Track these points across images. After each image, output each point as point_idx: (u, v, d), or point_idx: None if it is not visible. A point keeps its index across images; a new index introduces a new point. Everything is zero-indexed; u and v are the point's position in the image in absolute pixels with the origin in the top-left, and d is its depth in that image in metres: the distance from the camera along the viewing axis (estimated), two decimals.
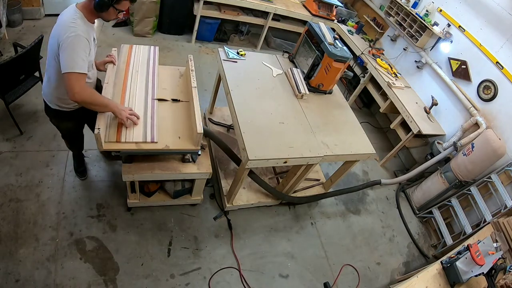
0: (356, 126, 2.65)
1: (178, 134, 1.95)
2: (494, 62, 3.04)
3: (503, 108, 2.99)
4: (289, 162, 2.15)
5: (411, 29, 3.82)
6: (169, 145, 1.87)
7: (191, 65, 2.23)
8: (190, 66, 2.22)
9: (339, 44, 2.61)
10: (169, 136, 1.92)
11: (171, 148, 1.87)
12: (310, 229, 2.88)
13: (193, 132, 1.95)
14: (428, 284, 2.09)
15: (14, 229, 2.13)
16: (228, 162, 2.84)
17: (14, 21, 3.54)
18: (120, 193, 2.52)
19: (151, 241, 2.34)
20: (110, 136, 1.76)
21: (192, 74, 2.17)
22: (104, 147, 1.71)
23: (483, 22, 3.17)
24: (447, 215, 3.19)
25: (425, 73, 3.79)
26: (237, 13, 4.34)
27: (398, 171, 3.84)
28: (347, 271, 2.70)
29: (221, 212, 2.67)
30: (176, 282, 2.20)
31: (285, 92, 2.60)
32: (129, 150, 1.82)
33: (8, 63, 2.21)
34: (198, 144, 1.92)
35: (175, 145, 1.89)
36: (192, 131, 1.97)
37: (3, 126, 2.64)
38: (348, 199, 3.29)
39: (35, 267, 2.00)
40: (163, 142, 1.86)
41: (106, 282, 2.06)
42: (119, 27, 4.20)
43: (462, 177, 2.96)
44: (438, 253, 3.03)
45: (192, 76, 2.15)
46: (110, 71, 2.01)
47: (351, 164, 2.64)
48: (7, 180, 2.35)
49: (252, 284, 2.36)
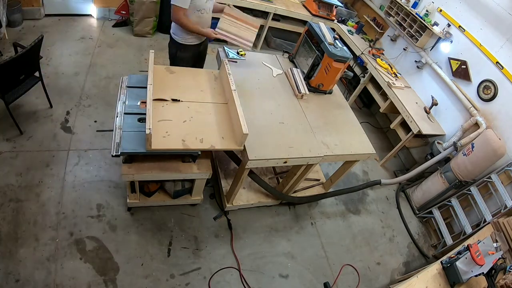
0: (356, 126, 2.65)
1: (222, 134, 2.00)
2: (494, 62, 3.04)
3: (503, 108, 2.99)
4: (289, 162, 2.15)
5: (411, 29, 3.82)
6: (215, 145, 1.92)
7: (228, 69, 2.28)
8: (227, 69, 2.27)
9: (339, 44, 2.61)
10: (214, 137, 1.97)
11: (216, 148, 1.93)
12: (310, 229, 2.88)
13: (234, 132, 2.01)
14: (428, 284, 2.09)
15: (14, 229, 2.13)
16: (228, 162, 2.84)
17: (14, 21, 3.54)
18: (120, 193, 2.52)
19: (151, 241, 2.34)
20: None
21: (230, 77, 2.21)
22: (153, 146, 1.75)
23: (483, 22, 3.17)
24: (447, 215, 3.19)
25: (425, 73, 3.79)
26: None
27: (398, 171, 3.84)
28: (347, 271, 2.70)
29: (221, 212, 2.67)
30: (176, 282, 2.20)
31: (285, 92, 2.60)
32: (176, 150, 1.88)
33: (8, 63, 2.21)
34: (242, 144, 1.97)
35: (220, 145, 1.94)
36: (233, 131, 2.03)
37: (3, 126, 2.64)
38: (348, 199, 3.29)
39: (35, 267, 2.00)
40: (208, 142, 1.91)
41: (106, 282, 2.06)
42: (119, 27, 4.19)
43: (462, 177, 2.96)
44: (438, 253, 3.04)
45: (231, 80, 2.20)
46: (151, 73, 2.02)
47: (351, 164, 2.63)
48: (7, 180, 2.35)
49: (252, 284, 2.36)
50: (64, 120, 2.88)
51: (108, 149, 2.70)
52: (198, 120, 2.04)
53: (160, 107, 2.01)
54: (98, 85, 3.30)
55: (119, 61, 3.68)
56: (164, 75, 2.28)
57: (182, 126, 1.96)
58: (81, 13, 4.06)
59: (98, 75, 3.41)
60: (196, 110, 2.10)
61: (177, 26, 2.41)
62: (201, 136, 1.93)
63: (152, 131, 1.71)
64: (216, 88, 2.35)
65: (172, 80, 2.26)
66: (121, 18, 4.22)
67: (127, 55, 3.83)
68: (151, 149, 1.76)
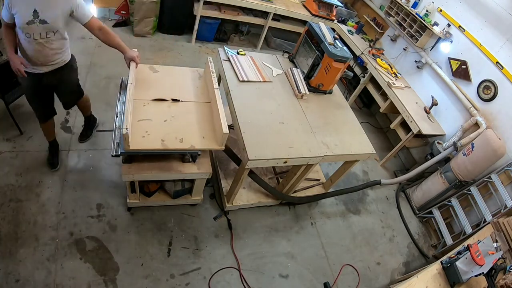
0: (356, 126, 2.65)
1: (202, 134, 1.98)
2: (494, 62, 3.04)
3: (503, 108, 2.99)
4: (289, 162, 2.15)
5: (411, 29, 3.82)
6: (195, 145, 1.90)
7: (212, 67, 2.25)
8: (211, 68, 2.25)
9: (339, 44, 2.61)
10: (194, 136, 1.94)
11: (197, 148, 1.90)
12: (310, 229, 2.88)
13: (216, 132, 1.98)
14: (428, 284, 2.09)
15: (14, 229, 2.13)
16: (228, 162, 2.84)
17: None
18: (120, 193, 2.52)
19: (151, 241, 2.34)
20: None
21: (213, 76, 2.19)
22: (131, 147, 1.73)
23: (483, 22, 3.17)
24: (447, 215, 3.19)
25: (425, 73, 3.79)
26: (237, 13, 4.34)
27: (398, 171, 3.84)
28: (347, 271, 2.70)
29: (221, 212, 2.67)
30: (176, 282, 2.20)
31: (285, 92, 2.60)
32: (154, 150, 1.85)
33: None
34: (223, 144, 1.95)
35: (200, 145, 1.92)
36: (214, 131, 2.01)
37: (3, 126, 2.64)
38: (348, 199, 3.29)
39: (35, 267, 2.00)
40: (188, 142, 1.89)
41: (106, 282, 2.06)
42: (119, 27, 4.19)
43: (462, 177, 2.96)
44: (438, 253, 3.03)
45: (214, 78, 2.18)
46: (133, 73, 2.02)
47: (351, 164, 2.63)
48: (7, 180, 2.35)
49: (252, 284, 2.36)
50: (64, 120, 2.88)
51: (108, 149, 2.70)
52: (179, 119, 2.00)
53: (141, 106, 1.99)
54: (98, 85, 3.30)
55: (119, 61, 3.63)
56: (148, 74, 2.26)
57: (163, 125, 1.93)
58: None
59: (98, 75, 3.41)
60: (178, 109, 2.07)
61: None
62: (181, 136, 1.90)
63: (130, 131, 1.70)
64: (200, 87, 2.32)
65: (155, 79, 2.23)
66: (121, 18, 4.22)
67: None
68: (129, 149, 1.74)
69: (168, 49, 4.21)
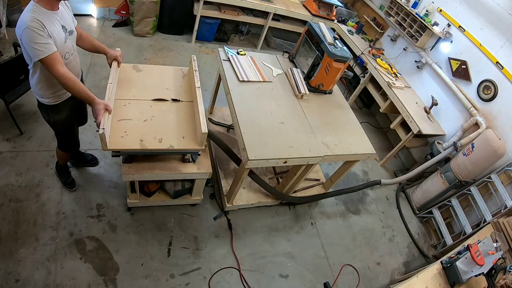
0: (356, 126, 2.65)
1: (182, 134, 1.95)
2: (494, 62, 3.04)
3: (503, 108, 2.99)
4: (289, 162, 2.15)
5: (411, 29, 3.82)
6: (174, 145, 1.88)
7: (195, 66, 2.23)
8: (193, 66, 2.22)
9: (339, 44, 2.60)
10: (173, 136, 1.92)
11: (176, 148, 1.88)
12: (310, 229, 2.88)
13: (196, 132, 1.95)
14: (428, 284, 2.09)
15: (14, 229, 2.13)
16: (228, 162, 2.84)
17: (14, 21, 3.53)
18: (120, 193, 2.52)
19: (151, 241, 2.34)
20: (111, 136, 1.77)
21: (195, 75, 2.17)
22: (109, 146, 1.72)
23: (483, 22, 3.17)
24: (447, 215, 3.19)
25: (425, 73, 3.79)
26: (237, 13, 4.34)
27: (398, 171, 3.84)
28: (347, 271, 2.70)
29: (221, 212, 2.67)
30: (176, 282, 2.20)
31: (285, 92, 2.60)
32: (133, 150, 1.82)
33: (8, 63, 2.22)
34: (202, 144, 1.93)
35: (179, 145, 1.89)
36: (195, 131, 1.98)
37: (3, 126, 2.64)
38: (348, 199, 3.29)
39: (35, 267, 2.00)
40: (167, 142, 1.87)
41: (106, 282, 2.06)
42: (119, 27, 4.20)
43: (462, 177, 2.96)
44: (438, 253, 3.04)
45: (196, 77, 2.15)
46: (114, 72, 2.00)
47: (351, 164, 2.63)
48: (7, 180, 2.35)
49: (252, 284, 2.36)
50: None
51: None
52: (159, 119, 1.98)
53: (122, 106, 1.97)
54: (98, 85, 3.30)
55: None
56: (131, 73, 2.24)
57: (142, 125, 1.91)
58: (81, 13, 4.06)
59: (98, 75, 3.41)
60: (159, 108, 2.04)
61: (38, 84, 1.72)
62: (160, 135, 1.87)
63: (109, 131, 1.69)
64: (183, 86, 2.30)
65: (138, 78, 2.22)
66: (121, 18, 4.22)
67: (127, 55, 3.81)
68: (107, 149, 1.71)
69: (168, 49, 4.21)
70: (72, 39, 1.74)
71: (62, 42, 1.62)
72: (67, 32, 1.68)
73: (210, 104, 3.18)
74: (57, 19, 1.60)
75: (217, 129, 3.09)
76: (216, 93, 3.03)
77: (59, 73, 1.56)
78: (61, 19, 1.62)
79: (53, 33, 1.54)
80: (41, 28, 1.47)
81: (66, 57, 1.71)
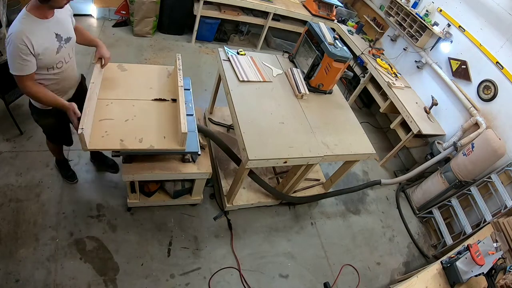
0: (356, 126, 2.65)
1: (164, 134, 1.90)
2: (494, 62, 3.04)
3: (503, 108, 2.99)
4: (289, 162, 2.15)
5: (411, 29, 3.82)
6: (154, 145, 1.82)
7: (179, 64, 2.17)
8: (177, 65, 2.17)
9: (339, 44, 2.61)
10: (154, 136, 1.86)
11: (156, 148, 1.83)
12: (310, 229, 2.88)
13: (178, 131, 1.89)
14: (428, 284, 2.09)
15: (14, 229, 2.13)
16: (228, 162, 2.84)
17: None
18: (120, 193, 2.52)
19: (151, 241, 2.34)
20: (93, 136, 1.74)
21: (179, 73, 2.11)
22: (89, 147, 1.68)
23: (483, 22, 3.16)
24: (447, 215, 3.19)
25: (425, 73, 3.79)
26: (237, 13, 4.34)
27: (398, 171, 3.84)
28: (347, 271, 2.70)
29: (221, 212, 2.67)
30: (176, 282, 2.20)
31: (285, 92, 2.60)
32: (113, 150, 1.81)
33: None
34: (183, 144, 1.86)
35: (159, 145, 1.84)
36: (177, 130, 1.92)
37: (3, 126, 2.64)
38: (348, 199, 3.29)
39: (35, 267, 2.00)
40: (147, 142, 1.82)
41: (106, 282, 2.06)
42: (119, 27, 4.20)
43: (462, 177, 2.96)
44: (438, 253, 3.04)
45: (179, 75, 2.10)
46: (97, 72, 1.95)
47: (351, 164, 2.63)
48: (7, 180, 2.35)
49: (252, 284, 2.36)
50: None
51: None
52: (141, 119, 1.94)
53: (104, 106, 1.93)
54: None
55: (119, 61, 3.66)
56: (116, 73, 2.21)
57: (123, 125, 1.87)
58: (81, 13, 4.06)
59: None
60: (142, 108, 2.00)
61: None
62: (141, 135, 1.84)
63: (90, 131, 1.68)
64: (167, 85, 2.25)
65: (123, 78, 2.18)
66: (121, 18, 4.22)
67: (127, 55, 3.83)
68: (87, 149, 1.69)
69: (168, 49, 4.21)
70: (68, 46, 1.69)
71: (53, 53, 1.58)
72: (63, 40, 1.63)
73: (210, 104, 3.18)
74: (50, 27, 1.55)
75: (217, 129, 3.09)
76: (216, 93, 3.03)
77: (27, 90, 1.59)
78: (55, 26, 1.57)
79: (42, 45, 1.51)
80: (25, 47, 1.44)
81: (59, 66, 1.67)
